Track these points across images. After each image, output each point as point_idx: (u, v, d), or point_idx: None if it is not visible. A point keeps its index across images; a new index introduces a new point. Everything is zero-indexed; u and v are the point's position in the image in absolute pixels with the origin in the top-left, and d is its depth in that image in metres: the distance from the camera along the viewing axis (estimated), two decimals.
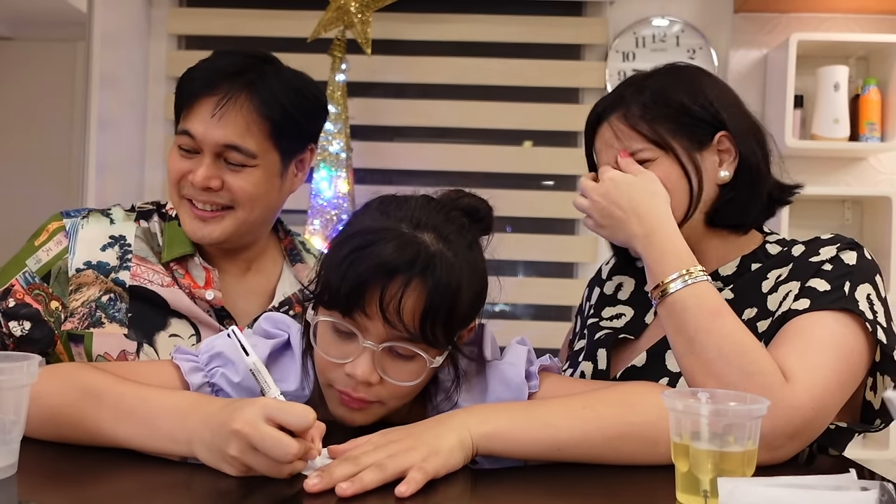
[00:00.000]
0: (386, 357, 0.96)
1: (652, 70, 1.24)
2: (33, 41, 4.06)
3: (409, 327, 0.93)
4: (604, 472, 0.93)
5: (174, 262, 1.31)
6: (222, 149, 1.24)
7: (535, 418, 0.93)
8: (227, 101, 1.22)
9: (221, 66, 1.27)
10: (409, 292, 0.92)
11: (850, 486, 0.71)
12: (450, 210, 1.01)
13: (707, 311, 1.01)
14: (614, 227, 1.13)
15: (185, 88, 1.27)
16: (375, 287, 0.91)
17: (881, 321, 1.03)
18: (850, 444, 1.10)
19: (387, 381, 0.96)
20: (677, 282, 1.04)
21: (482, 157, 2.91)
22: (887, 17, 2.80)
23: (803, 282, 1.07)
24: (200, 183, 1.24)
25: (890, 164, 2.84)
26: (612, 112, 1.19)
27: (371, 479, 0.82)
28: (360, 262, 0.92)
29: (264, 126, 1.25)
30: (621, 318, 1.27)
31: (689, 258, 1.06)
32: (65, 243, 1.29)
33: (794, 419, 0.95)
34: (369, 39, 2.57)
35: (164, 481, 0.85)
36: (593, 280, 1.42)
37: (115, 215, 1.34)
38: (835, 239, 1.13)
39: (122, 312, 1.27)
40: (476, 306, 1.02)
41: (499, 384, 1.04)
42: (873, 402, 1.07)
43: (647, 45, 2.87)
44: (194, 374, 1.02)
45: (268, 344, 1.05)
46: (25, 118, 3.93)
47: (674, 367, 1.12)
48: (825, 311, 1.02)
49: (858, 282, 1.05)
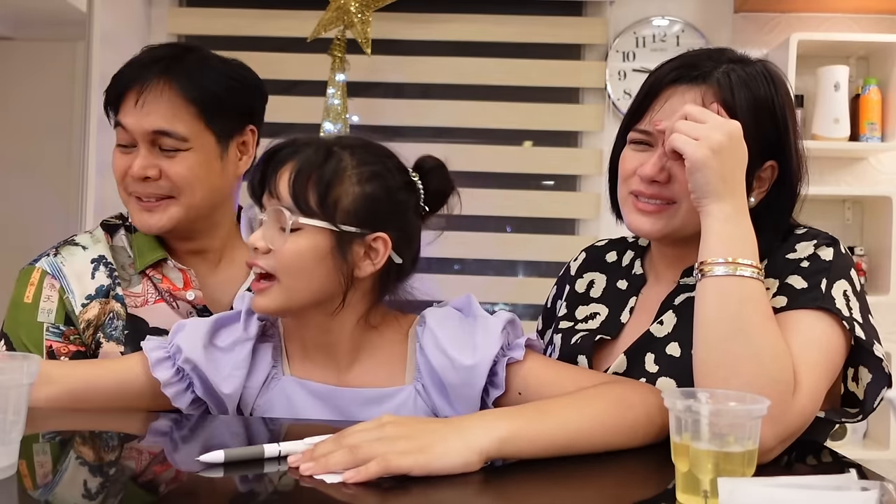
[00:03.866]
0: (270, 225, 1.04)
1: (749, 59, 1.12)
2: (33, 41, 4.06)
3: (281, 194, 1.04)
4: (604, 472, 0.93)
5: (150, 269, 1.32)
6: (153, 136, 1.26)
7: (548, 418, 0.94)
8: (146, 87, 1.25)
9: (142, 59, 1.30)
10: (285, 168, 1.04)
11: (850, 486, 0.70)
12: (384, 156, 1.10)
13: (764, 308, 0.99)
14: (719, 169, 0.99)
15: (113, 85, 1.29)
16: (266, 174, 1.06)
17: (857, 317, 1.03)
18: (850, 445, 1.10)
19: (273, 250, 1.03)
20: (746, 269, 0.99)
21: (482, 157, 2.91)
22: (887, 17, 2.80)
23: (781, 279, 1.06)
24: (138, 173, 1.25)
25: (890, 164, 2.84)
26: (702, 83, 1.08)
27: (336, 462, 0.83)
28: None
29: (191, 109, 1.27)
30: (596, 319, 1.24)
31: (756, 253, 1.02)
32: (58, 285, 1.30)
33: (794, 425, 0.96)
34: (369, 39, 2.57)
35: (164, 481, 0.85)
36: (562, 277, 1.39)
37: (83, 241, 1.36)
38: (810, 234, 1.12)
39: (118, 330, 1.29)
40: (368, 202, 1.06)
41: (481, 333, 1.07)
42: (857, 393, 1.07)
43: (648, 45, 2.87)
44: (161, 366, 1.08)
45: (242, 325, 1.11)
46: (25, 118, 3.93)
47: (652, 368, 1.11)
48: (804, 310, 1.02)
49: (835, 279, 1.05)
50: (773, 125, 1.08)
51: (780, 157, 1.10)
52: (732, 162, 1.01)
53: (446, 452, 0.86)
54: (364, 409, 1.07)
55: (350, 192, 1.04)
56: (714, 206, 1.01)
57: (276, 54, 2.85)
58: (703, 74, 1.08)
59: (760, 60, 1.13)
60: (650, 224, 1.11)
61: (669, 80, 1.10)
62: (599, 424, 0.95)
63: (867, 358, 1.04)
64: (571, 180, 2.99)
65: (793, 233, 1.13)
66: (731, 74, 1.07)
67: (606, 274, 1.29)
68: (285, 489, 0.83)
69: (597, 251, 1.34)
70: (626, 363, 1.14)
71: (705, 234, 1.02)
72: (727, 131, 1.00)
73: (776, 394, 0.92)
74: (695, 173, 1.00)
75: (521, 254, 2.90)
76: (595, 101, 2.94)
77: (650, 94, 1.11)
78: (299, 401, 1.09)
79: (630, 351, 1.15)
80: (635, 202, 1.12)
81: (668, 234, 1.12)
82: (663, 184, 1.09)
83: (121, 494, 0.81)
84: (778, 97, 1.09)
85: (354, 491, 0.80)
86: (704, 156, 0.99)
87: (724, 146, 0.99)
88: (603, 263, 1.30)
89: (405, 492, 0.82)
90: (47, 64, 3.96)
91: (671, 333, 1.13)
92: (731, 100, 1.06)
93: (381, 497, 0.81)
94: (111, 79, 1.31)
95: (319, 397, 1.08)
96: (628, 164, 1.13)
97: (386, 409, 1.06)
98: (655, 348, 1.13)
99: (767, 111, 1.08)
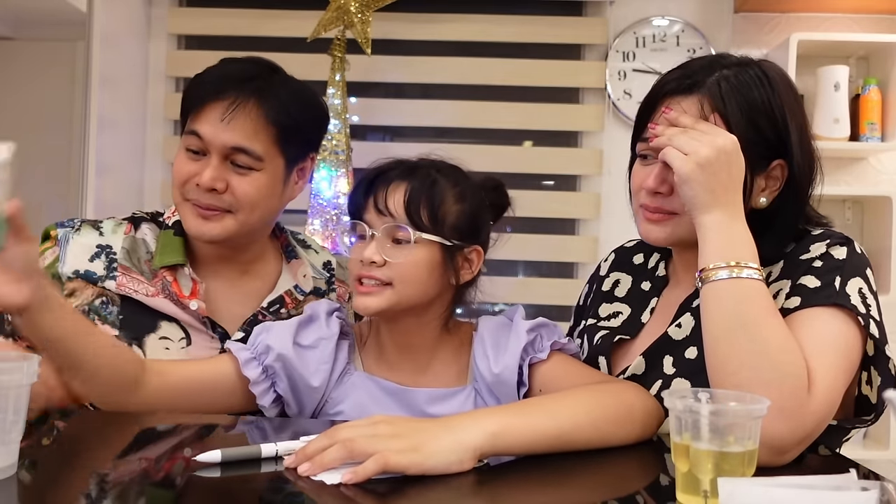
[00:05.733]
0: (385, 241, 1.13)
1: (748, 62, 1.12)
2: (33, 41, 4.06)
3: (394, 212, 1.13)
4: (604, 472, 0.93)
5: (164, 269, 1.33)
6: (230, 151, 1.26)
7: (538, 411, 0.97)
8: (237, 105, 1.25)
9: (231, 72, 1.30)
10: (396, 188, 1.13)
11: (850, 486, 0.70)
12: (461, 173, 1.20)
13: (765, 304, 0.99)
14: (706, 183, 1.02)
15: (195, 93, 1.29)
16: (374, 194, 1.14)
17: (874, 315, 1.03)
18: (850, 445, 1.09)
19: (390, 262, 1.11)
20: (744, 270, 1.00)
21: (482, 157, 2.90)
22: (887, 17, 2.80)
23: (794, 280, 1.06)
24: (207, 184, 1.25)
25: (890, 164, 2.84)
26: (696, 93, 1.09)
27: (332, 458, 0.84)
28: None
29: (271, 131, 1.28)
30: (618, 317, 1.26)
31: (755, 255, 1.03)
32: (57, 252, 1.32)
33: (810, 424, 0.95)
34: (369, 39, 2.57)
35: (161, 481, 0.85)
36: (593, 276, 1.42)
37: (106, 227, 1.37)
38: (824, 235, 1.12)
39: (113, 315, 1.30)
40: (463, 218, 1.16)
41: (513, 340, 1.16)
42: (870, 396, 1.06)
43: (648, 45, 2.87)
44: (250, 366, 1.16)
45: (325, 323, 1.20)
46: (25, 118, 3.93)
47: (669, 370, 1.12)
48: (818, 307, 1.02)
49: (849, 276, 1.05)
50: (771, 126, 1.08)
51: (785, 157, 1.10)
52: (724, 174, 1.02)
53: (439, 450, 0.86)
54: (430, 406, 1.16)
55: (453, 210, 1.15)
56: (705, 216, 1.03)
57: (276, 54, 2.83)
58: (697, 84, 1.09)
59: (759, 62, 1.12)
60: (657, 232, 1.14)
61: (666, 91, 1.11)
62: (590, 417, 0.98)
63: (879, 359, 1.03)
64: (571, 180, 2.99)
65: (809, 233, 1.13)
66: (723, 83, 1.08)
67: (632, 275, 1.31)
68: (282, 491, 0.83)
69: (625, 252, 1.37)
70: (644, 365, 1.15)
71: (701, 243, 1.04)
72: (718, 146, 1.02)
73: (788, 388, 0.92)
74: (682, 186, 1.04)
75: (521, 254, 2.90)
76: (595, 101, 2.94)
77: (649, 105, 1.14)
78: (369, 397, 1.17)
79: (648, 353, 1.16)
80: (644, 213, 1.15)
81: (676, 242, 1.15)
82: (666, 195, 1.11)
83: (117, 494, 0.81)
84: (776, 98, 1.09)
85: (351, 492, 0.80)
86: (691, 170, 1.02)
87: (712, 160, 1.02)
88: (630, 265, 1.33)
89: (401, 494, 0.82)
90: (47, 64, 3.96)
91: (689, 336, 1.13)
92: (724, 108, 1.07)
93: (379, 498, 0.81)
94: (191, 85, 1.30)
95: (390, 394, 1.17)
96: (636, 179, 1.16)
97: (449, 407, 1.15)
98: (673, 351, 1.13)
99: (763, 114, 1.08)
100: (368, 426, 0.89)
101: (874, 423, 1.08)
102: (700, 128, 1.05)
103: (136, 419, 1.10)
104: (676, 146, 1.04)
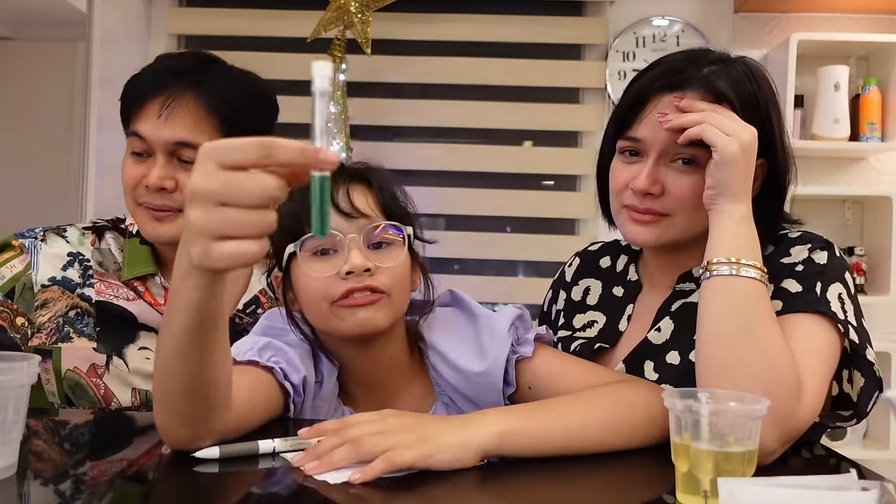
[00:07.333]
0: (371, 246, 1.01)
1: (729, 58, 1.10)
2: (33, 41, 4.07)
3: (367, 211, 1.01)
4: (605, 472, 0.93)
5: (135, 280, 1.31)
6: (174, 147, 1.23)
7: (548, 416, 0.95)
8: (172, 99, 1.22)
9: (166, 67, 1.27)
10: (356, 187, 1.02)
11: (850, 486, 0.70)
12: None
13: (769, 310, 0.98)
14: (746, 170, 0.99)
15: (132, 93, 1.26)
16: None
17: (851, 320, 1.03)
18: (850, 445, 1.10)
19: (381, 267, 1.00)
20: (754, 271, 0.99)
21: (482, 157, 2.91)
22: (887, 17, 2.80)
23: (776, 283, 1.06)
24: (155, 183, 1.22)
25: (890, 164, 2.84)
26: (688, 88, 1.07)
27: (340, 458, 0.83)
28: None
29: (214, 122, 1.24)
30: (594, 326, 1.23)
31: (760, 258, 1.01)
32: (28, 259, 1.29)
33: (797, 429, 0.96)
34: (369, 39, 2.57)
35: (164, 482, 0.86)
36: (557, 282, 1.37)
37: (71, 235, 1.34)
38: (804, 237, 1.11)
39: (90, 327, 1.28)
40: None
41: (487, 336, 1.07)
42: (851, 395, 1.06)
43: (648, 45, 2.87)
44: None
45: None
46: (25, 118, 3.94)
47: (651, 375, 1.11)
48: (801, 313, 1.02)
49: (829, 282, 1.04)
50: (759, 123, 1.06)
51: (767, 155, 1.08)
52: (750, 166, 1.01)
53: (447, 445, 0.86)
54: None
55: (404, 202, 1.06)
56: (730, 206, 1.01)
57: (276, 54, 2.85)
58: (688, 79, 1.07)
59: (741, 58, 1.11)
60: (646, 234, 1.10)
61: (656, 88, 1.08)
62: (599, 425, 0.95)
63: (860, 361, 1.04)
64: (571, 180, 2.99)
65: (787, 236, 1.12)
66: (713, 77, 1.06)
67: (601, 280, 1.28)
68: (288, 489, 0.83)
69: (590, 256, 1.33)
70: (624, 371, 1.14)
71: (716, 233, 1.01)
72: (753, 133, 1.00)
73: (783, 395, 0.92)
74: (721, 167, 0.99)
75: (521, 254, 2.90)
76: (595, 101, 2.94)
77: (637, 102, 1.09)
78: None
79: (629, 359, 1.14)
80: (629, 213, 1.11)
81: (665, 244, 1.11)
82: (657, 196, 1.08)
83: (116, 490, 0.81)
84: (761, 94, 1.07)
85: (357, 490, 0.80)
86: (735, 152, 0.98)
87: (751, 148, 1.00)
88: (597, 269, 1.30)
89: (408, 491, 0.82)
90: (47, 64, 3.97)
91: (669, 341, 1.13)
92: (729, 100, 1.05)
93: (385, 496, 0.81)
94: (128, 86, 1.28)
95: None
96: (619, 177, 1.11)
97: None
98: (654, 356, 1.12)
99: (753, 109, 1.06)
100: (377, 421, 0.88)
101: (856, 423, 1.08)
102: (725, 113, 1.02)
103: (135, 418, 1.09)
104: (716, 125, 0.98)
